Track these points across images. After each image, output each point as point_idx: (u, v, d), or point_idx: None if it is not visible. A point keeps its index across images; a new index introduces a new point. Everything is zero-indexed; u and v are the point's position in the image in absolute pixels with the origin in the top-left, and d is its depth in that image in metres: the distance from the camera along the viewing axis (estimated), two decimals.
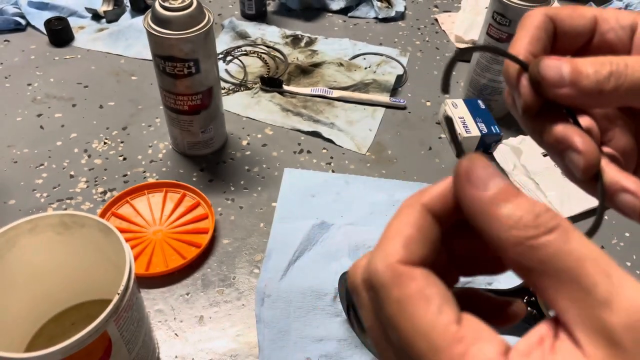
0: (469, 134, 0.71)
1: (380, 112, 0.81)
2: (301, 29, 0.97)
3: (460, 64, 0.92)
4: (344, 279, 0.51)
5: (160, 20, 0.57)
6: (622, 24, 0.24)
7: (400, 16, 1.02)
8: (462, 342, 0.15)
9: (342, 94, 0.82)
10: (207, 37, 0.60)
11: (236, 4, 1.02)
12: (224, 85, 0.83)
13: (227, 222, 0.64)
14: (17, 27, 0.92)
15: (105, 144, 0.72)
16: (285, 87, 0.82)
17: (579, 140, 0.22)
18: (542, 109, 0.23)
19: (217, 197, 0.66)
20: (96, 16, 0.95)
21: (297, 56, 0.90)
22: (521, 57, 0.24)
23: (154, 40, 0.59)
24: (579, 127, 0.23)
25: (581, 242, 0.16)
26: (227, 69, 0.86)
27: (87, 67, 0.85)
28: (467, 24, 0.98)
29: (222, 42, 0.92)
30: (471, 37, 0.95)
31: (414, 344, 0.16)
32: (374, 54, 0.92)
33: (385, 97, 0.82)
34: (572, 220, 0.66)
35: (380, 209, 0.65)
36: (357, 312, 0.52)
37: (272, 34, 0.95)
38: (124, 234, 0.60)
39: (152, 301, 0.56)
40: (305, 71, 0.86)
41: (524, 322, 0.25)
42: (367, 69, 0.88)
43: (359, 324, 0.52)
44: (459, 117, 0.74)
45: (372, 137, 0.77)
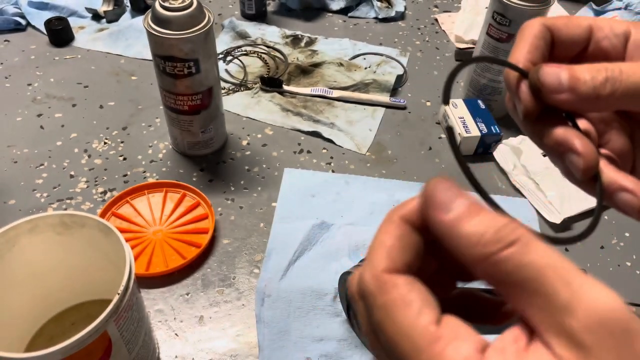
0: (469, 134, 0.71)
1: (380, 112, 0.81)
2: (301, 29, 0.97)
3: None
4: (344, 279, 0.51)
5: (160, 20, 0.57)
6: (615, 32, 0.25)
7: (400, 16, 1.02)
8: (440, 341, 0.17)
9: (342, 94, 0.82)
10: (207, 37, 0.60)
11: (236, 4, 1.02)
12: (224, 85, 0.83)
13: (227, 222, 0.64)
14: (17, 27, 0.92)
15: (105, 144, 0.72)
16: (285, 87, 0.82)
17: (578, 142, 0.23)
18: (542, 114, 0.24)
19: (217, 197, 0.66)
20: (96, 16, 0.95)
21: (297, 56, 0.90)
22: (521, 65, 0.25)
23: (154, 40, 0.59)
24: (577, 131, 0.24)
25: (541, 253, 0.17)
26: (227, 69, 0.86)
27: (87, 67, 0.86)
28: (467, 24, 0.98)
29: (222, 42, 0.92)
30: (471, 37, 0.95)
31: (397, 345, 0.17)
32: (374, 54, 0.92)
33: (385, 97, 0.82)
34: (572, 220, 0.66)
35: (380, 209, 0.65)
36: (357, 316, 0.52)
37: (272, 34, 0.95)
38: (124, 234, 0.60)
39: (152, 301, 0.56)
40: (305, 71, 0.86)
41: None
42: (367, 69, 0.88)
43: (359, 324, 0.52)
44: (459, 117, 0.74)
45: (372, 137, 0.77)
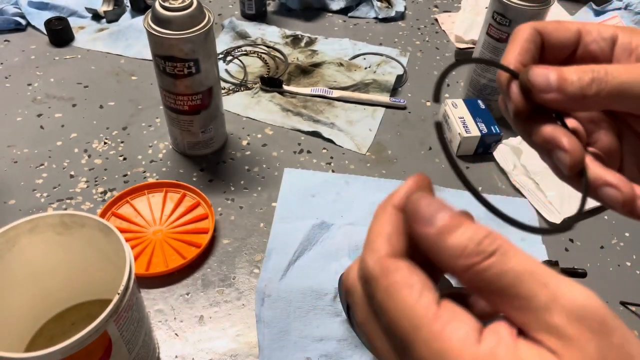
0: (469, 134, 0.71)
1: (380, 112, 0.81)
2: (301, 29, 0.97)
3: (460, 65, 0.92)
4: (343, 279, 0.51)
5: (160, 20, 0.57)
6: (603, 36, 0.27)
7: (400, 16, 1.02)
8: (439, 320, 0.18)
9: (342, 94, 0.82)
10: (207, 37, 0.60)
11: (236, 4, 1.02)
12: (224, 85, 0.83)
13: (227, 222, 0.64)
14: (17, 27, 0.92)
15: (105, 144, 0.72)
16: (285, 87, 0.82)
17: (566, 140, 0.25)
18: (532, 113, 0.26)
19: (217, 197, 0.66)
20: (96, 16, 0.95)
21: (297, 56, 0.90)
22: (512, 67, 0.26)
23: (154, 40, 0.59)
24: (565, 129, 0.25)
25: (519, 260, 0.18)
26: (227, 69, 0.86)
27: (87, 67, 0.86)
28: (467, 24, 0.98)
29: (222, 42, 0.92)
30: (471, 37, 0.95)
31: (398, 324, 0.19)
32: (374, 54, 0.92)
33: (385, 97, 0.82)
34: (572, 220, 0.66)
35: None
36: (354, 306, 0.52)
37: (272, 34, 0.95)
38: (124, 234, 0.60)
39: (152, 301, 0.56)
40: (305, 71, 0.86)
41: None
42: (367, 69, 0.88)
43: (354, 316, 0.52)
44: (459, 117, 0.74)
45: (372, 137, 0.77)
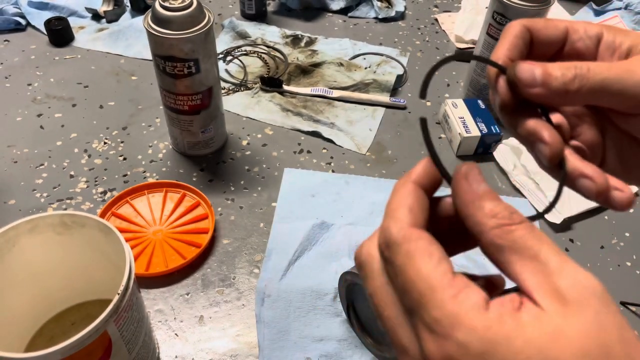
0: (469, 134, 0.71)
1: (380, 112, 0.81)
2: (301, 29, 0.97)
3: (460, 64, 0.92)
4: (344, 279, 0.51)
5: (160, 20, 0.57)
6: (589, 34, 0.28)
7: (400, 16, 1.02)
8: (453, 286, 0.20)
9: (342, 94, 0.82)
10: (207, 37, 0.60)
11: (236, 3, 1.02)
12: (224, 85, 0.83)
13: (227, 222, 0.64)
14: (17, 27, 0.92)
15: (105, 144, 0.72)
16: (285, 87, 0.82)
17: (547, 133, 0.26)
18: (519, 107, 0.27)
19: (217, 197, 0.66)
20: (96, 16, 0.95)
21: (297, 56, 0.90)
22: (500, 62, 0.27)
23: (154, 40, 0.59)
24: (548, 123, 0.27)
25: (540, 234, 0.21)
26: (227, 69, 0.86)
27: (87, 67, 0.85)
28: (467, 24, 0.98)
29: (222, 42, 0.92)
30: (471, 37, 0.95)
31: (416, 285, 0.20)
32: (374, 54, 0.92)
33: (385, 97, 0.82)
34: (572, 220, 0.66)
35: (380, 209, 0.65)
36: (358, 312, 0.52)
37: (272, 34, 0.95)
38: (124, 234, 0.60)
39: (152, 301, 0.56)
40: (305, 71, 0.86)
41: None
42: (367, 69, 0.88)
43: (359, 324, 0.52)
44: (459, 117, 0.74)
45: (372, 137, 0.76)
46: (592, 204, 0.67)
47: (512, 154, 0.72)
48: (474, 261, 0.59)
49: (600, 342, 0.18)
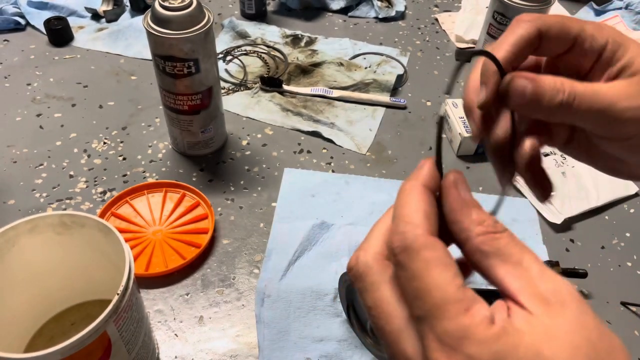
0: (469, 134, 0.71)
1: (380, 112, 0.81)
2: (301, 28, 0.97)
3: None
4: (344, 279, 0.51)
5: (160, 19, 0.57)
6: (593, 49, 0.30)
7: (400, 16, 1.02)
8: (465, 301, 0.20)
9: (342, 93, 0.82)
10: (207, 36, 0.60)
11: (236, 3, 1.02)
12: (223, 85, 0.83)
13: (227, 222, 0.64)
14: (17, 27, 0.92)
15: (104, 144, 0.72)
16: (285, 87, 0.82)
17: (501, 127, 0.31)
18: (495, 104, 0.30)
19: (217, 197, 0.66)
20: (96, 16, 0.95)
21: (297, 56, 0.90)
22: (503, 56, 0.29)
23: (154, 40, 0.59)
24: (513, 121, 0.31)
25: (522, 243, 0.22)
26: (227, 69, 0.86)
27: (86, 67, 0.85)
28: (467, 23, 0.98)
29: (222, 41, 0.92)
30: (471, 36, 0.95)
31: (430, 293, 0.21)
32: (374, 53, 0.92)
33: (385, 97, 0.82)
34: (572, 220, 0.66)
35: (380, 209, 0.65)
36: (358, 312, 0.52)
37: (272, 33, 0.95)
38: (124, 234, 0.60)
39: (152, 301, 0.56)
40: (305, 71, 0.85)
41: None
42: (367, 68, 0.88)
43: (359, 324, 0.52)
44: (459, 117, 0.73)
45: (372, 137, 0.76)
46: (592, 204, 0.67)
47: None
48: None
49: (586, 338, 0.19)
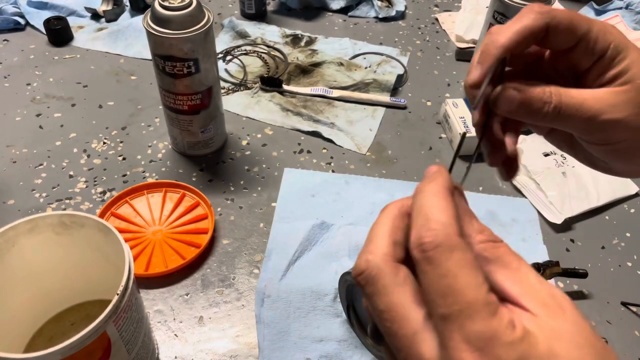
0: (469, 134, 0.71)
1: (380, 111, 0.81)
2: (301, 28, 0.97)
3: (461, 64, 0.91)
4: (344, 279, 0.51)
5: (159, 19, 0.57)
6: (594, 51, 0.31)
7: (400, 16, 1.02)
8: (493, 304, 0.21)
9: (342, 93, 0.82)
10: (206, 36, 0.60)
11: (236, 3, 1.02)
12: (223, 85, 0.83)
13: (226, 222, 0.63)
14: (17, 27, 0.92)
15: (104, 144, 0.72)
16: (285, 87, 0.82)
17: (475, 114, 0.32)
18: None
19: (217, 197, 0.66)
20: (95, 16, 0.95)
21: (297, 56, 0.90)
22: (505, 43, 0.30)
23: (154, 39, 0.59)
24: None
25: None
26: (226, 69, 0.86)
27: (86, 66, 0.85)
28: (467, 23, 0.98)
29: (222, 41, 0.92)
30: (472, 36, 0.95)
31: (463, 292, 0.21)
32: (374, 53, 0.92)
33: (385, 97, 0.82)
34: (573, 220, 0.66)
35: (380, 209, 0.65)
36: (358, 312, 0.52)
37: (272, 33, 0.95)
38: (124, 234, 0.60)
39: (152, 301, 0.56)
40: (305, 71, 0.85)
41: None
42: (367, 68, 0.88)
43: (359, 324, 0.52)
44: (460, 117, 0.73)
45: (372, 137, 0.76)
46: (592, 204, 0.66)
47: None
48: None
49: (586, 339, 0.21)
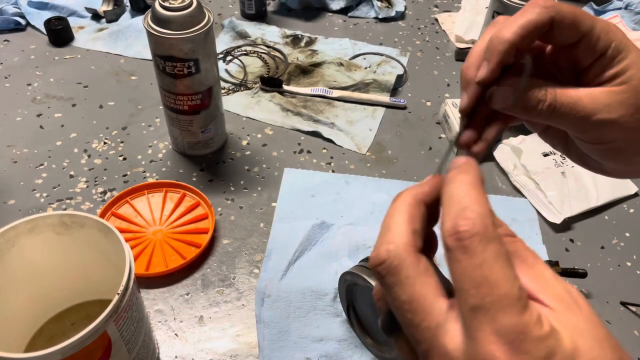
0: None
1: (380, 112, 0.81)
2: (301, 28, 0.97)
3: (460, 65, 0.91)
4: (344, 279, 0.51)
5: (160, 20, 0.57)
6: (594, 50, 0.31)
7: (400, 16, 1.02)
8: (524, 298, 0.21)
9: (342, 93, 0.82)
10: (207, 36, 0.60)
11: (236, 3, 1.02)
12: (224, 85, 0.83)
13: (227, 222, 0.64)
14: (17, 27, 0.92)
15: (105, 144, 0.72)
16: (285, 87, 0.82)
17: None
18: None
19: (217, 197, 0.66)
20: (96, 16, 0.95)
21: (297, 56, 0.90)
22: (510, 38, 0.30)
23: (154, 40, 0.59)
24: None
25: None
26: (227, 69, 0.86)
27: (87, 67, 0.85)
28: (467, 23, 0.98)
29: (222, 42, 0.92)
30: (471, 37, 0.95)
31: (497, 285, 0.21)
32: (374, 53, 0.92)
33: (385, 97, 0.82)
34: (572, 220, 0.66)
35: (380, 209, 0.65)
36: (358, 312, 0.52)
37: (272, 33, 0.95)
38: (124, 234, 0.60)
39: (152, 301, 0.56)
40: (305, 71, 0.86)
41: None
42: (367, 68, 0.88)
43: (359, 324, 0.52)
44: (459, 117, 0.73)
45: (372, 137, 0.76)
46: (592, 204, 0.67)
47: (512, 154, 0.72)
48: None
49: (603, 333, 0.21)
